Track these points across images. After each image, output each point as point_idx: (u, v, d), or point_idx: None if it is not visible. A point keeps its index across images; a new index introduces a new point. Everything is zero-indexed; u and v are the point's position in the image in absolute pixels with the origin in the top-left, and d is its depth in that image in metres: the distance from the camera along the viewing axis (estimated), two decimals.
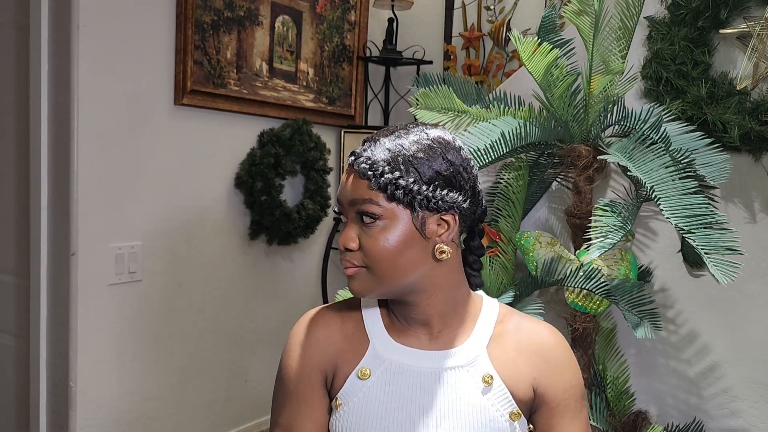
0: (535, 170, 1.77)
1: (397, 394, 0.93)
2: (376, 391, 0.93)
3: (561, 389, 0.95)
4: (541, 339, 0.97)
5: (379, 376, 0.94)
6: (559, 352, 0.97)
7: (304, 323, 1.01)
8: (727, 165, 1.47)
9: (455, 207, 0.91)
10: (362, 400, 0.93)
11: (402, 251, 0.89)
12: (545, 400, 0.95)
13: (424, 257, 0.91)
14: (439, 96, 1.67)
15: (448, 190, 0.90)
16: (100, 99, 2.09)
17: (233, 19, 2.49)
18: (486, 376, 0.93)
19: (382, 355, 0.95)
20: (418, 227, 0.89)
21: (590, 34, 1.54)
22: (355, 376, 0.95)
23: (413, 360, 0.94)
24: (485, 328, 0.97)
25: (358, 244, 0.90)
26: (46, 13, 2.05)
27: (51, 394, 2.16)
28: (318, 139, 2.83)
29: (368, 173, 0.88)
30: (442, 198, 0.89)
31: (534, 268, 1.63)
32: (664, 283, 1.84)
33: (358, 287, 0.92)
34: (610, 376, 1.77)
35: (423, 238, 0.90)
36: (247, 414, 2.74)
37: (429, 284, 0.92)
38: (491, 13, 3.06)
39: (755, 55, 1.64)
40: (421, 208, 0.89)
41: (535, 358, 0.95)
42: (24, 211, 2.21)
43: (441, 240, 0.91)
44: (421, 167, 0.89)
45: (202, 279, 2.49)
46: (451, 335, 0.95)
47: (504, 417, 0.92)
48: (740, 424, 1.76)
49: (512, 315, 1.00)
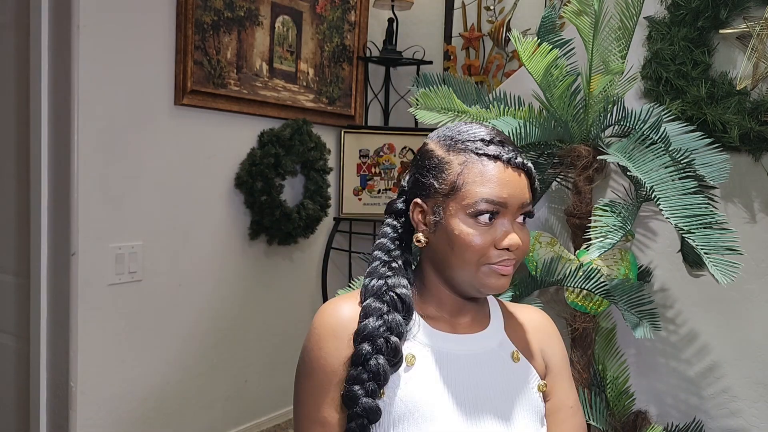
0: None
1: (441, 378, 0.95)
2: (421, 377, 0.94)
3: (558, 357, 1.07)
4: (536, 318, 1.09)
5: (423, 362, 0.95)
6: (551, 327, 1.10)
7: (331, 314, 0.97)
8: (726, 165, 1.47)
9: None
10: (409, 386, 0.93)
11: None
12: (550, 368, 1.05)
13: None
14: (439, 96, 1.67)
15: None
16: (100, 99, 2.09)
17: (233, 19, 2.49)
18: (514, 353, 1.01)
19: (424, 342, 0.97)
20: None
21: (590, 34, 1.54)
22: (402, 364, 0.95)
23: (453, 344, 0.98)
24: (497, 313, 1.06)
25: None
26: (46, 13, 2.05)
27: (51, 394, 2.16)
28: (318, 139, 2.83)
29: (532, 175, 0.97)
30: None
31: (534, 268, 1.63)
32: (663, 283, 1.84)
33: (508, 282, 0.96)
34: (609, 376, 1.77)
35: None
36: (247, 414, 2.74)
37: None
38: (491, 13, 3.06)
39: (755, 55, 1.64)
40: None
41: (539, 333, 1.07)
42: (24, 211, 2.21)
43: None
44: None
45: (202, 279, 2.49)
46: (478, 321, 1.02)
47: (534, 389, 1.01)
48: (740, 424, 1.76)
49: (503, 302, 1.10)
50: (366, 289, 0.98)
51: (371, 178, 3.11)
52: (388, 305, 0.95)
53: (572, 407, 1.04)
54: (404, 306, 0.96)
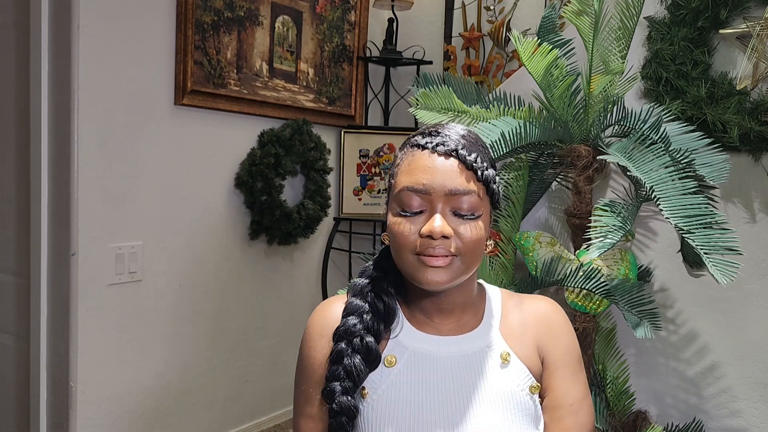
0: (535, 170, 1.77)
1: (422, 379, 0.95)
2: (402, 378, 0.95)
3: (560, 351, 1.01)
4: (539, 309, 1.04)
5: (404, 363, 0.96)
6: (555, 318, 1.04)
7: (320, 313, 1.01)
8: (726, 165, 1.47)
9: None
10: (390, 387, 0.95)
11: (485, 243, 0.95)
12: (547, 362, 1.01)
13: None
14: (439, 96, 1.67)
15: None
16: (100, 99, 2.09)
17: (233, 19, 2.49)
18: (503, 354, 0.98)
19: (405, 344, 0.97)
20: (491, 221, 0.97)
21: (590, 34, 1.54)
22: (381, 365, 0.96)
23: (435, 346, 0.97)
24: (494, 311, 1.02)
25: (452, 231, 0.90)
26: (46, 13, 2.05)
27: (51, 394, 2.16)
28: (318, 139, 2.83)
29: (475, 165, 0.92)
30: (500, 196, 0.99)
31: (534, 268, 1.63)
32: (663, 283, 1.84)
33: (446, 277, 0.91)
34: (610, 376, 1.77)
35: (487, 230, 0.96)
36: (247, 414, 2.74)
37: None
38: (491, 14, 3.06)
39: (755, 55, 1.64)
40: (497, 204, 0.97)
41: (539, 327, 1.02)
42: (24, 211, 2.21)
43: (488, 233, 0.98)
44: (494, 169, 0.98)
45: (202, 279, 2.49)
46: (467, 322, 1.00)
47: (524, 391, 0.97)
48: (740, 424, 1.76)
49: (512, 296, 1.06)
50: (352, 288, 1.01)
51: (371, 178, 3.11)
52: (370, 304, 0.97)
53: (572, 405, 0.99)
54: (385, 306, 0.97)
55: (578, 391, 1.01)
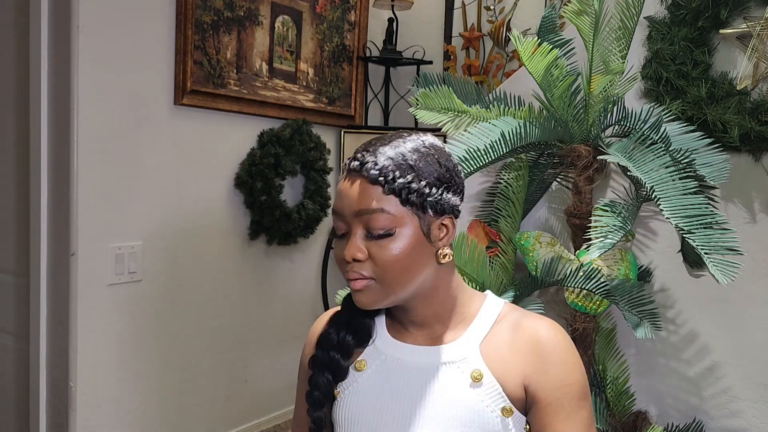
0: (535, 170, 1.77)
1: (389, 387, 0.96)
2: (370, 383, 0.97)
3: (553, 387, 0.91)
4: (537, 336, 0.94)
5: (375, 369, 0.98)
6: (553, 349, 0.93)
7: (317, 321, 1.08)
8: (727, 165, 1.47)
9: (455, 210, 0.93)
10: (357, 390, 0.97)
11: (412, 258, 0.89)
12: (537, 398, 0.92)
13: (429, 262, 0.91)
14: (439, 96, 1.67)
15: (450, 194, 0.92)
16: (100, 99, 2.09)
17: (233, 19, 2.49)
18: (475, 372, 0.92)
19: (381, 350, 0.99)
20: (425, 232, 0.90)
21: (590, 34, 1.54)
22: (352, 368, 0.99)
23: (407, 355, 0.97)
24: (481, 326, 0.97)
25: (366, 254, 0.88)
26: (46, 13, 2.05)
27: (51, 394, 2.16)
28: (318, 139, 2.83)
29: (380, 179, 0.87)
30: (447, 201, 0.91)
31: (534, 268, 1.63)
32: (664, 283, 1.84)
33: (367, 300, 0.91)
34: (610, 376, 1.77)
35: (428, 243, 0.90)
36: (247, 414, 2.74)
37: (429, 288, 0.94)
38: (491, 13, 3.06)
39: (755, 55, 1.64)
40: (433, 211, 0.89)
41: (529, 355, 0.93)
42: (24, 211, 2.21)
43: (442, 244, 0.92)
44: (425, 172, 0.89)
45: (202, 279, 2.49)
46: (446, 334, 0.97)
47: (495, 413, 0.91)
48: (740, 424, 1.76)
49: (513, 313, 0.98)
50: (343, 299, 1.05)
51: None
52: (345, 321, 1.01)
53: None
54: (359, 324, 1.00)
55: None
